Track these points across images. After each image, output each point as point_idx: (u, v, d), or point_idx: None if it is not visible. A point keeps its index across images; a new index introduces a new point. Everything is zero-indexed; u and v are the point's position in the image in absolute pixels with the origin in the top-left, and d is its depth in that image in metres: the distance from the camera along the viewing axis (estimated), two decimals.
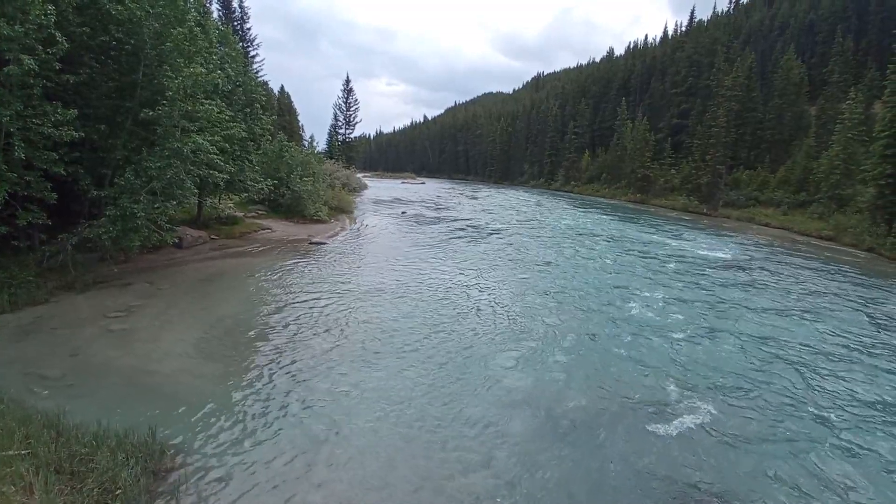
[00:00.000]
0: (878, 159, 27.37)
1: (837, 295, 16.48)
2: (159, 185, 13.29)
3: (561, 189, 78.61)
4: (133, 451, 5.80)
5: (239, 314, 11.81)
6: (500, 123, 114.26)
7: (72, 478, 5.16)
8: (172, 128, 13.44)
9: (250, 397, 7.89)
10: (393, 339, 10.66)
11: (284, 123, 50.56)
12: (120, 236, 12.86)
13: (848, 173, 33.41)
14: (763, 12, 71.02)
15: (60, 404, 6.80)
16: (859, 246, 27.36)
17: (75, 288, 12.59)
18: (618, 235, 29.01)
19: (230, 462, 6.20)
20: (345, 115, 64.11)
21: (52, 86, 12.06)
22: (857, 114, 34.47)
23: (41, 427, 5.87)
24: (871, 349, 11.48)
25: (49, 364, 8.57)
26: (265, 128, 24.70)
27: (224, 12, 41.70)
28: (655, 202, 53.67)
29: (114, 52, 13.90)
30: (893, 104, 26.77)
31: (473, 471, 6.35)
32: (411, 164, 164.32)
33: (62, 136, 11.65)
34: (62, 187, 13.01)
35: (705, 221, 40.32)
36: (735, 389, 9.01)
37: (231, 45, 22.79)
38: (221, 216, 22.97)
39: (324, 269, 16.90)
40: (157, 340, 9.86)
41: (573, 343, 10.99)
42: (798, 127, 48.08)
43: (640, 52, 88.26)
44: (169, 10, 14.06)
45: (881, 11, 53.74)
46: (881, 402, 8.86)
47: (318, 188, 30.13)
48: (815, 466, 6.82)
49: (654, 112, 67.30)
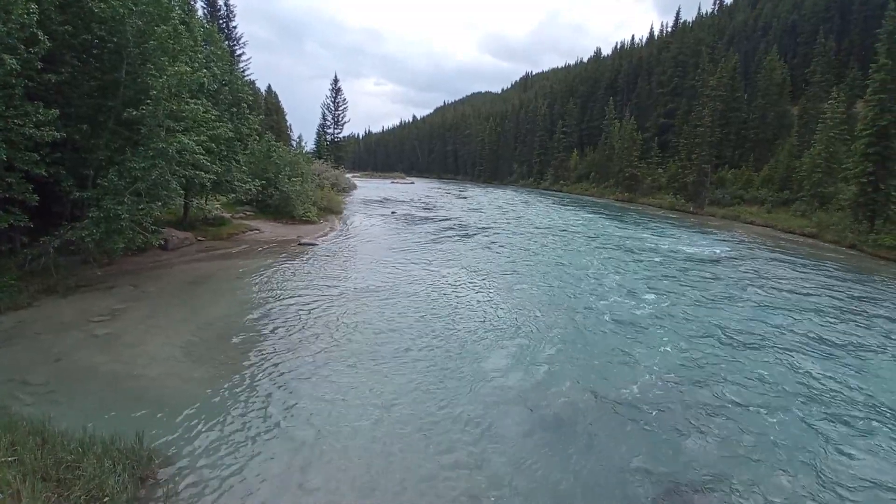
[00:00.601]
0: (860, 157, 27.91)
1: (825, 289, 16.77)
2: (144, 185, 13.08)
3: (550, 188, 79.05)
4: (120, 457, 5.70)
5: (226, 317, 11.67)
6: (489, 123, 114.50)
7: (59, 485, 5.06)
8: (157, 127, 13.24)
9: (238, 401, 7.80)
10: (383, 340, 10.62)
11: (272, 123, 50.11)
12: (103, 238, 12.63)
13: (830, 171, 34.04)
14: (746, 13, 72.10)
15: (45, 411, 6.65)
16: (841, 243, 27.90)
17: (58, 291, 12.32)
18: (606, 233, 29.25)
19: (219, 467, 6.12)
20: (333, 114, 63.82)
21: (34, 85, 11.81)
22: (838, 113, 35.11)
23: (26, 434, 5.74)
24: (863, 344, 11.71)
25: (32, 370, 8.39)
26: (252, 127, 24.46)
27: (209, 10, 41.15)
28: (643, 201, 54.24)
29: (96, 50, 13.66)
30: (875, 103, 27.29)
31: (465, 470, 6.35)
32: (400, 163, 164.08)
33: (44, 136, 11.41)
34: (43, 188, 12.73)
35: (692, 219, 40.82)
36: (723, 384, 9.12)
37: (216, 43, 22.50)
38: (208, 217, 22.69)
39: (313, 271, 16.78)
40: (142, 344, 9.70)
41: (562, 339, 11.04)
42: (781, 126, 48.92)
43: (626, 52, 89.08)
44: (152, 7, 13.85)
45: (864, 11, 54.63)
46: (871, 397, 9.04)
47: (306, 188, 29.92)
48: (800, 459, 6.93)
49: (641, 111, 68.00)
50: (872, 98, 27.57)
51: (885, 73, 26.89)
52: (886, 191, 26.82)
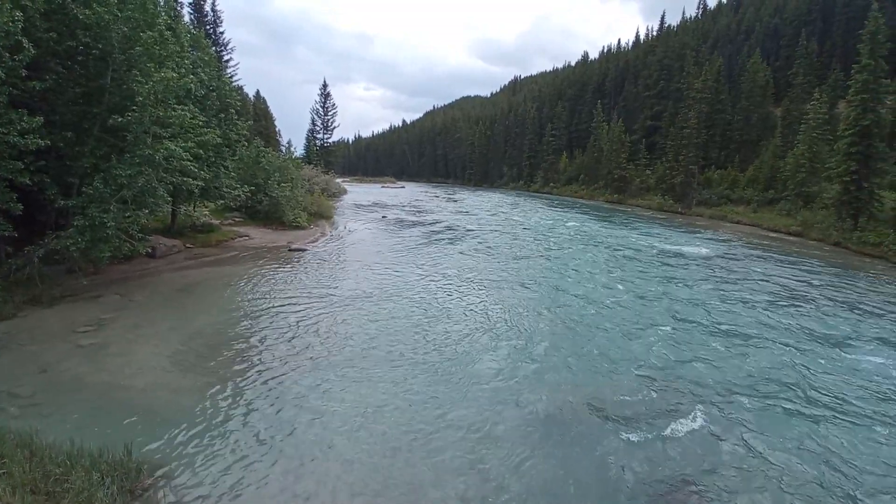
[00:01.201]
0: (843, 157, 28.41)
1: (816, 285, 17.03)
2: (130, 193, 12.92)
3: (540, 191, 79.52)
4: (109, 469, 5.61)
5: (216, 325, 11.55)
6: (479, 127, 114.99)
7: (48, 498, 5.00)
8: (143, 134, 13.09)
9: (228, 411, 7.71)
10: (374, 345, 10.58)
11: (261, 129, 49.77)
12: (89, 247, 12.44)
13: (813, 171, 34.64)
14: (729, 17, 73.28)
15: (32, 423, 6.53)
16: (826, 240, 28.40)
17: (43, 301, 12.12)
18: (596, 234, 29.44)
19: (209, 478, 6.04)
20: (323, 119, 63.70)
21: (18, 93, 11.64)
22: (821, 114, 35.79)
23: (14, 447, 5.65)
24: (854, 336, 11.91)
25: (18, 382, 8.23)
26: (241, 133, 24.29)
27: (196, 16, 40.87)
28: (632, 202, 54.78)
29: (81, 56, 13.47)
30: (858, 103, 27.79)
31: (460, 473, 6.33)
32: (391, 168, 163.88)
33: (28, 144, 11.22)
34: (27, 197, 12.53)
35: (680, 220, 41.28)
36: (714, 384, 9.21)
37: (203, 48, 22.33)
38: (197, 224, 22.47)
39: (304, 277, 16.69)
40: (130, 354, 9.57)
41: (554, 342, 11.08)
42: (765, 127, 49.78)
43: (613, 56, 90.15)
44: (138, 13, 13.71)
45: (846, 13, 55.61)
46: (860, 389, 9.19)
47: (296, 194, 29.79)
48: (794, 461, 7.02)
49: (629, 114, 68.73)
50: (855, 98, 28.10)
51: (868, 73, 27.44)
52: (869, 189, 27.36)
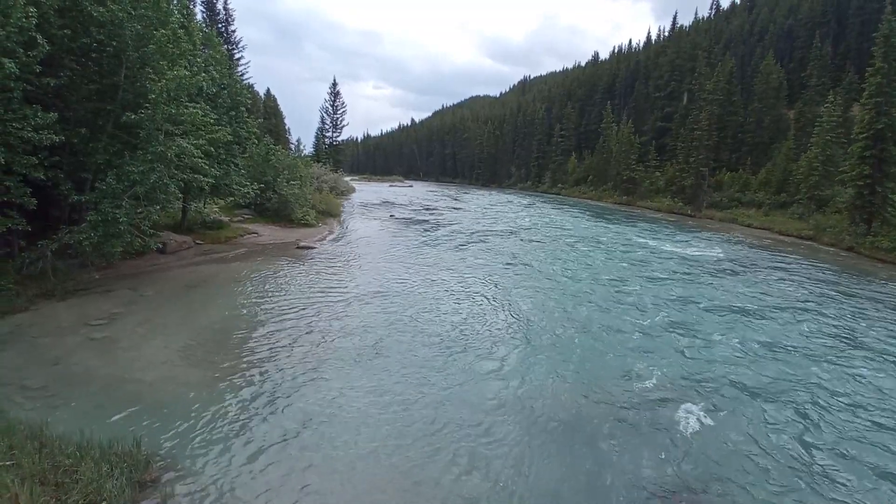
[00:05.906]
0: (857, 160, 28.02)
1: (828, 291, 16.81)
2: (142, 189, 13.08)
3: (548, 192, 79.15)
4: (118, 461, 5.68)
5: (224, 321, 11.65)
6: (488, 126, 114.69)
7: (56, 489, 5.05)
8: (156, 131, 13.24)
9: (237, 405, 7.78)
10: (382, 343, 10.61)
11: (270, 126, 50.16)
12: (101, 242, 12.61)
13: (826, 175, 34.18)
14: (743, 18, 72.48)
15: (43, 415, 6.65)
16: (839, 245, 27.99)
17: (55, 295, 12.30)
18: (604, 236, 29.28)
19: (217, 471, 6.10)
20: (332, 118, 63.85)
21: (32, 89, 11.82)
22: (835, 116, 35.29)
23: (24, 438, 5.74)
24: (864, 343, 11.75)
25: (30, 373, 8.37)
26: (251, 131, 24.50)
27: (208, 14, 41.29)
28: (641, 204, 54.34)
29: (95, 54, 13.67)
30: (871, 106, 27.40)
31: (465, 473, 6.34)
32: (399, 167, 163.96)
33: (42, 140, 11.41)
34: (41, 192, 12.72)
35: (690, 222, 40.91)
36: (723, 387, 9.13)
37: (215, 47, 22.54)
38: (207, 221, 22.67)
39: (311, 274, 16.77)
40: (140, 348, 9.69)
41: (559, 343, 11.03)
42: (777, 130, 49.14)
43: (624, 56, 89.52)
44: (152, 11, 13.89)
45: (861, 15, 54.84)
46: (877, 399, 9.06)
47: (305, 192, 29.94)
48: (802, 463, 6.94)
49: (639, 115, 68.24)
50: (868, 101, 27.70)
51: (882, 76, 27.02)
52: (883, 193, 26.92)
